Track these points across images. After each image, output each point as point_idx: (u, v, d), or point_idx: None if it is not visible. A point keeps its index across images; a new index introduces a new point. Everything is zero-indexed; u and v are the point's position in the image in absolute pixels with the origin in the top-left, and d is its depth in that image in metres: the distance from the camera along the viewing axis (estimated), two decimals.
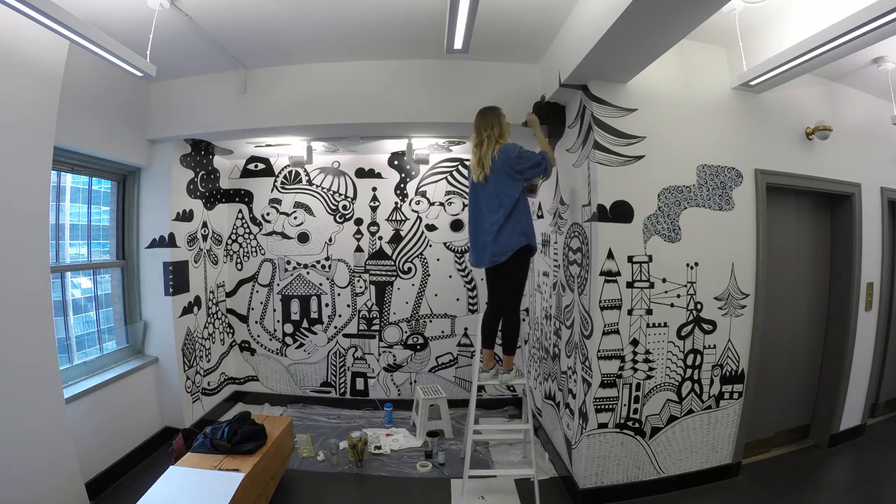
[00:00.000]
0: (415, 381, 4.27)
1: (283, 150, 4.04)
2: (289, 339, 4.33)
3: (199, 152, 3.77)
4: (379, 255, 4.27)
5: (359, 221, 4.27)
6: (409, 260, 4.26)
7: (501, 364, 2.90)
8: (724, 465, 2.88)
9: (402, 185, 4.26)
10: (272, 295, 4.32)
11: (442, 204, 4.24)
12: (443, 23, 2.14)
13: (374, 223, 4.27)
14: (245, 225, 4.33)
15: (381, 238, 4.26)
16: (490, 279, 2.87)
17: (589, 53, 2.24)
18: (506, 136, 2.67)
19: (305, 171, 4.28)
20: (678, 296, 2.72)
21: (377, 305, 4.28)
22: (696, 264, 2.74)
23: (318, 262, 4.29)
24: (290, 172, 4.29)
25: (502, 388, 4.21)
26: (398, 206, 4.26)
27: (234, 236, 4.33)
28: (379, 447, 3.40)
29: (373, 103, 3.14)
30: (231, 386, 4.32)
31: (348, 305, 4.29)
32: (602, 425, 2.66)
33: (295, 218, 4.29)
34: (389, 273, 4.27)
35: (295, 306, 4.31)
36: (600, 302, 2.61)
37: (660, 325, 2.70)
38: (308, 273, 4.29)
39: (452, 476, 3.04)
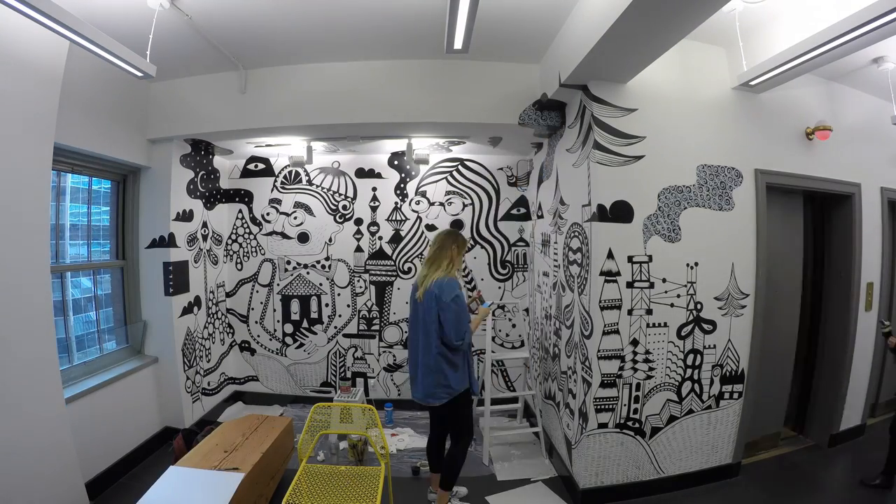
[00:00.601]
0: None
1: (283, 150, 4.04)
2: (289, 339, 4.33)
3: (199, 152, 3.77)
4: (379, 255, 4.27)
5: (359, 221, 4.27)
6: (409, 260, 4.26)
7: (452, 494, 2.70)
8: (724, 465, 2.88)
9: (402, 185, 4.26)
10: (272, 295, 4.32)
11: (442, 204, 4.24)
12: (443, 23, 2.14)
13: (374, 223, 4.27)
14: (245, 225, 4.33)
15: (381, 238, 4.26)
16: (430, 411, 2.69)
17: (589, 53, 2.24)
18: (454, 268, 2.58)
19: (305, 171, 4.28)
20: (678, 296, 2.72)
21: (377, 305, 4.28)
22: (696, 264, 2.74)
23: (318, 262, 4.29)
24: (290, 172, 4.29)
25: (501, 387, 4.22)
26: (398, 206, 4.26)
27: (234, 236, 4.33)
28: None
29: (373, 103, 3.14)
30: (231, 386, 4.32)
31: (348, 305, 4.29)
32: (602, 425, 2.66)
33: (295, 218, 4.29)
34: (389, 273, 4.27)
35: (295, 306, 4.31)
36: (600, 302, 2.61)
37: (660, 325, 2.70)
38: (308, 273, 4.29)
39: None
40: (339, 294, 4.29)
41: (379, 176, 4.27)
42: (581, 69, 2.43)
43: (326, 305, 4.30)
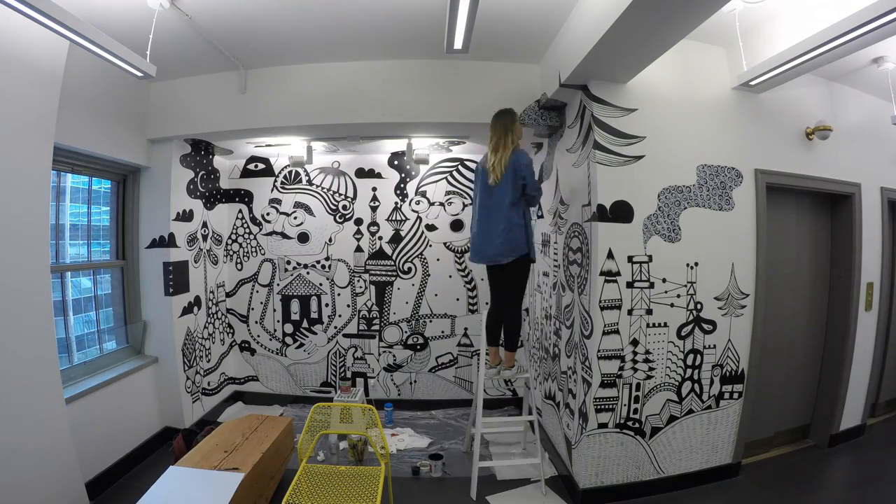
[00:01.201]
0: (415, 381, 4.28)
1: (283, 150, 4.04)
2: (289, 339, 4.33)
3: (199, 152, 3.77)
4: (379, 255, 4.27)
5: (359, 221, 4.27)
6: (409, 260, 4.26)
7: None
8: (724, 465, 2.88)
9: (402, 185, 4.26)
10: (272, 295, 4.32)
11: (442, 204, 4.24)
12: (443, 22, 2.14)
13: (374, 223, 4.27)
14: (245, 225, 4.33)
15: (381, 238, 4.26)
16: (492, 279, 2.99)
17: (589, 53, 2.23)
18: (518, 140, 2.79)
19: (305, 171, 4.28)
20: (678, 296, 2.72)
21: (377, 305, 4.28)
22: (696, 264, 2.73)
23: (318, 262, 4.29)
24: (290, 172, 4.29)
25: (502, 388, 4.23)
26: (398, 206, 4.26)
27: (234, 236, 4.33)
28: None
29: (373, 103, 3.14)
30: (231, 386, 4.32)
31: (348, 305, 4.29)
32: (602, 425, 2.66)
33: (295, 218, 4.29)
34: (389, 273, 4.27)
35: (295, 306, 4.31)
36: (600, 302, 2.61)
37: (660, 325, 2.70)
38: (308, 273, 4.29)
39: (456, 475, 3.06)
40: (339, 294, 4.29)
41: (379, 176, 4.27)
42: (581, 69, 2.43)
43: (326, 305, 4.30)
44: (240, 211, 4.32)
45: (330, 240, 4.28)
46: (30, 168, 2.19)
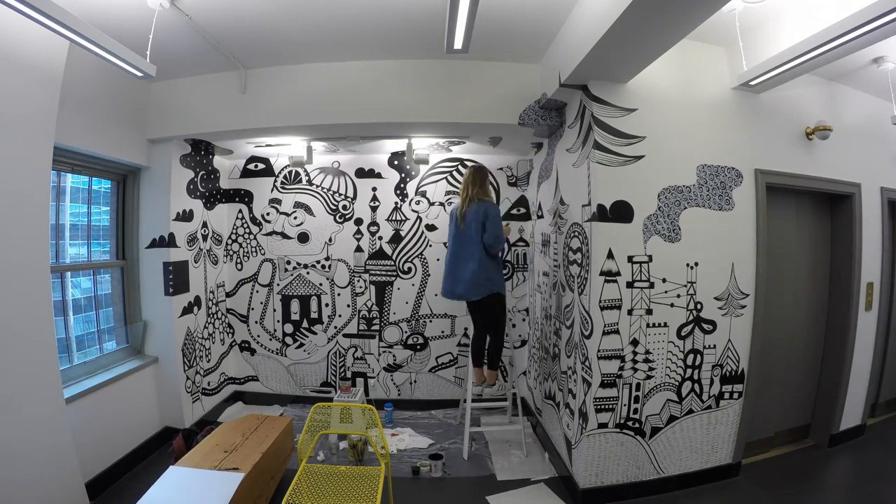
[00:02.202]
0: (415, 381, 4.28)
1: (283, 150, 4.04)
2: (289, 339, 4.33)
3: (199, 152, 3.77)
4: (379, 255, 4.27)
5: (359, 221, 4.27)
6: (409, 260, 4.26)
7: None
8: (724, 465, 2.88)
9: (402, 185, 4.26)
10: (272, 295, 4.32)
11: (442, 204, 4.24)
12: (443, 22, 2.14)
13: (374, 223, 4.27)
14: (245, 225, 4.33)
15: (381, 238, 4.26)
16: (472, 312, 3.42)
17: (589, 53, 2.24)
18: (487, 195, 3.25)
19: (305, 171, 4.28)
20: (678, 296, 2.72)
21: (377, 305, 4.28)
22: (696, 264, 2.74)
23: (318, 262, 4.29)
24: (290, 172, 4.29)
25: (502, 390, 4.22)
26: (398, 206, 4.26)
27: (234, 236, 4.33)
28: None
29: (373, 103, 3.14)
30: (231, 386, 4.32)
31: (348, 305, 4.29)
32: (602, 425, 2.66)
33: (295, 218, 4.29)
34: (389, 273, 4.27)
35: (295, 306, 4.31)
36: (600, 302, 2.61)
37: (660, 325, 2.70)
38: (308, 273, 4.29)
39: (456, 475, 3.06)
40: (339, 294, 4.29)
41: (379, 176, 4.27)
42: (581, 69, 2.43)
43: (326, 305, 4.30)
44: (240, 211, 4.32)
45: (330, 240, 4.28)
46: (30, 168, 2.18)
